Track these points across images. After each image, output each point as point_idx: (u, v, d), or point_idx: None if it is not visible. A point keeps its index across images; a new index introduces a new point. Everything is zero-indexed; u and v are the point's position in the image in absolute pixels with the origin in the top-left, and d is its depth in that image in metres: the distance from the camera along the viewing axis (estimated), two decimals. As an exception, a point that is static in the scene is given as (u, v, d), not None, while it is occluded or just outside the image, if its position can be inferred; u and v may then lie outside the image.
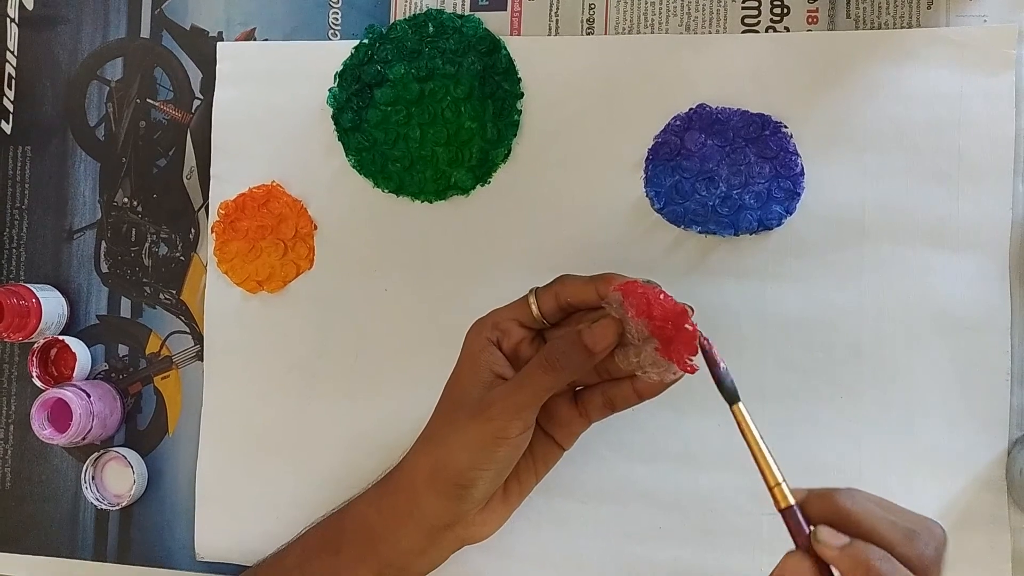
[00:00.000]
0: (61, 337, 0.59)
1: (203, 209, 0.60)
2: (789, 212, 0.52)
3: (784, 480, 0.38)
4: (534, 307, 0.45)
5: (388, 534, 0.47)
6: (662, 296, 0.42)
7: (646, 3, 0.55)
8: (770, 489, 0.38)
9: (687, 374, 0.42)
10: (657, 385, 0.44)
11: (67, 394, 0.56)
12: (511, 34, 0.56)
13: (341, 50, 0.57)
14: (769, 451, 0.38)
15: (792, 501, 0.37)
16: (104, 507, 0.58)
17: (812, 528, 0.36)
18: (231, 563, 0.58)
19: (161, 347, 0.60)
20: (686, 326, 0.41)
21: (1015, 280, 0.51)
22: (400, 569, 0.48)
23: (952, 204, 0.51)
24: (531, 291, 0.46)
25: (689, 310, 0.42)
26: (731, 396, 0.40)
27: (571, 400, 0.47)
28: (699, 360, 0.42)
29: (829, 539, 0.35)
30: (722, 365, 0.41)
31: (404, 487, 0.47)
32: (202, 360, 0.59)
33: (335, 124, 0.57)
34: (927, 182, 0.51)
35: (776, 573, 0.36)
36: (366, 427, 0.56)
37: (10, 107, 0.63)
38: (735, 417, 0.39)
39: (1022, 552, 0.50)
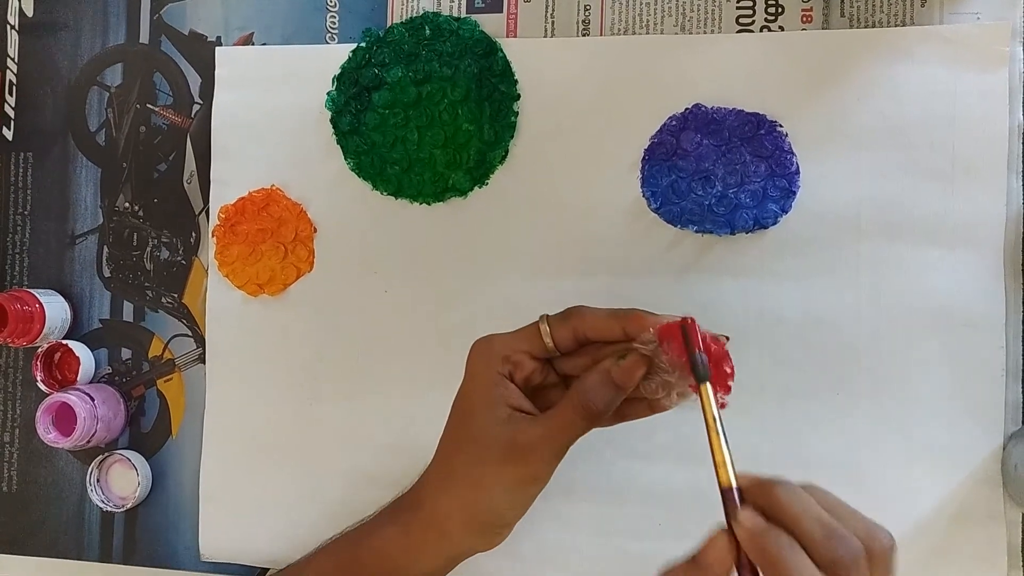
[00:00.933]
0: (65, 341, 0.60)
1: (203, 213, 0.60)
2: (785, 211, 0.52)
3: (732, 463, 0.38)
4: (548, 340, 0.43)
5: (411, 566, 0.46)
6: (706, 336, 0.41)
7: (641, 4, 0.55)
8: (716, 467, 0.38)
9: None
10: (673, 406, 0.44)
11: (71, 398, 0.57)
12: (507, 36, 0.57)
13: (339, 54, 0.57)
14: (724, 433, 0.39)
15: (734, 483, 0.38)
16: (109, 509, 0.59)
17: (740, 509, 0.37)
18: (235, 563, 0.58)
19: (164, 350, 0.60)
20: (726, 368, 0.41)
21: (1009, 276, 0.51)
22: None
23: (946, 201, 0.51)
24: (542, 319, 0.44)
25: (726, 342, 0.42)
26: (703, 376, 0.40)
27: None
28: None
29: (745, 521, 0.36)
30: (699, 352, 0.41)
31: (432, 529, 0.46)
32: (204, 363, 0.59)
33: (333, 127, 0.57)
34: (922, 179, 0.52)
35: (700, 547, 0.37)
36: (367, 427, 0.57)
37: (11, 113, 0.63)
38: (701, 397, 0.39)
39: (1017, 546, 0.50)
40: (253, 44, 0.60)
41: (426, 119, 0.56)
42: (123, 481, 0.60)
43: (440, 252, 0.57)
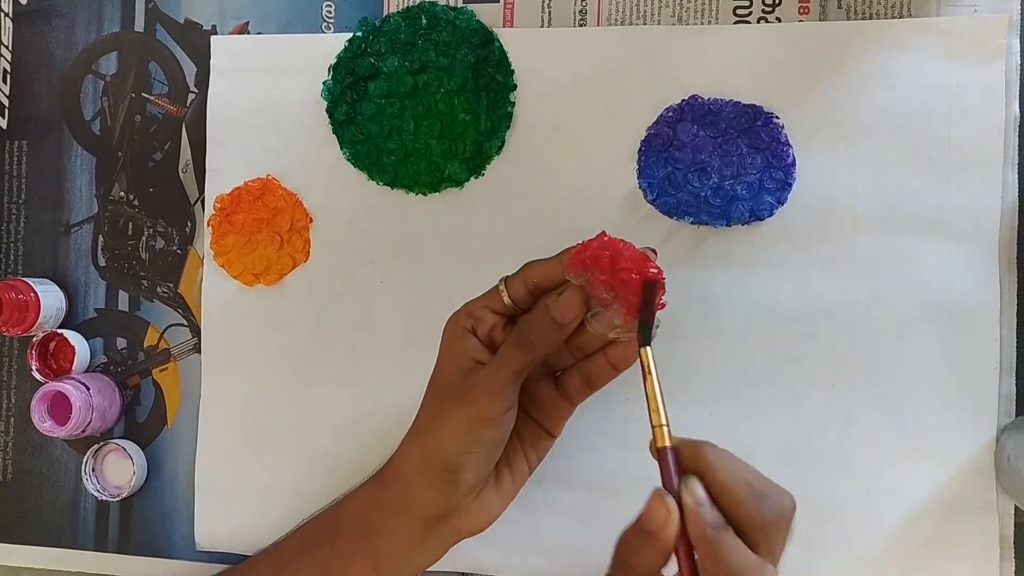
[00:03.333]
0: (60, 330, 0.60)
1: (199, 203, 0.60)
2: (781, 202, 0.52)
3: (668, 424, 0.39)
4: (504, 294, 0.46)
5: (383, 527, 0.47)
6: (621, 245, 0.42)
7: (638, -6, 0.55)
8: (652, 428, 0.39)
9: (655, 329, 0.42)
10: (630, 350, 0.45)
11: (66, 387, 0.57)
12: (504, 26, 0.56)
13: (335, 43, 0.57)
14: (662, 395, 0.39)
15: (668, 444, 0.38)
16: (104, 498, 0.59)
17: (685, 476, 0.38)
18: (231, 552, 0.58)
19: (159, 340, 0.60)
20: (651, 270, 0.42)
21: (1004, 269, 0.51)
22: (397, 563, 0.48)
23: (942, 193, 0.51)
24: (501, 280, 0.46)
25: (651, 253, 0.43)
26: (647, 340, 0.40)
27: (552, 385, 0.48)
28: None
29: (695, 491, 0.37)
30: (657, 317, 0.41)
31: (397, 479, 0.47)
32: (200, 352, 0.59)
33: (329, 117, 0.57)
34: (918, 172, 0.52)
35: (647, 508, 0.37)
36: (363, 417, 0.57)
37: (5, 102, 0.63)
38: (642, 360, 0.40)
39: (1010, 537, 0.50)
40: (249, 33, 0.59)
41: (422, 109, 0.56)
42: (118, 470, 0.60)
43: (436, 242, 0.57)
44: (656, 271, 0.42)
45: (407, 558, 0.48)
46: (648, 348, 0.40)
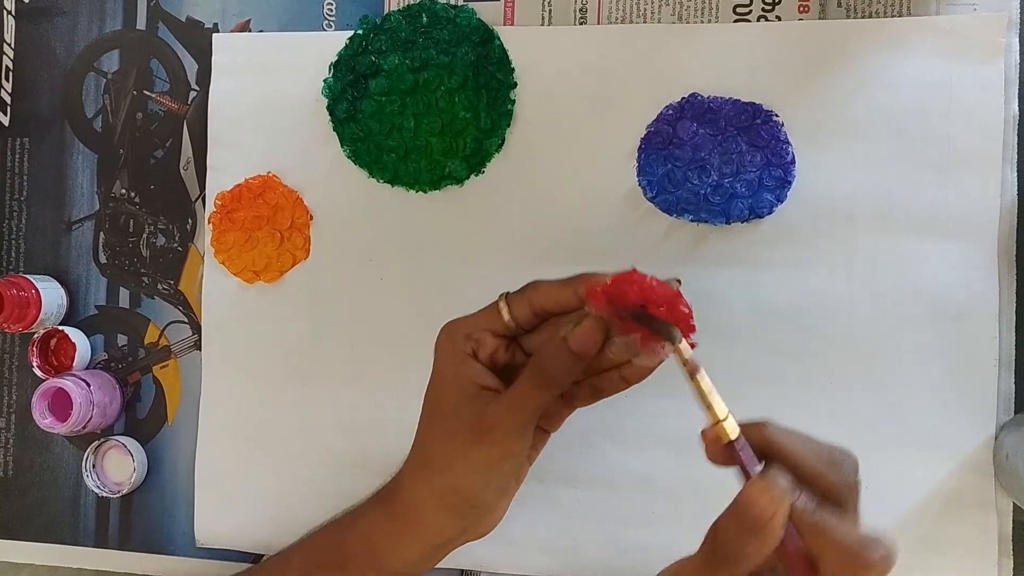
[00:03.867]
0: (61, 327, 0.60)
1: (200, 200, 0.60)
2: (780, 200, 0.52)
3: (728, 412, 0.38)
4: (506, 315, 0.43)
5: (396, 553, 0.47)
6: (654, 283, 0.41)
7: (638, -7, 0.55)
8: (715, 424, 0.38)
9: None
10: (645, 369, 0.44)
11: (67, 383, 0.57)
12: (504, 24, 0.57)
13: (336, 41, 0.57)
14: (711, 385, 0.38)
15: (738, 433, 0.37)
16: (105, 495, 0.59)
17: (766, 463, 0.37)
18: (230, 549, 0.58)
19: (160, 337, 0.61)
20: (681, 308, 0.41)
21: (1003, 267, 0.51)
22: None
23: (941, 192, 0.52)
24: (501, 297, 0.44)
25: (677, 284, 0.41)
26: (673, 336, 0.39)
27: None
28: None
29: (784, 477, 0.36)
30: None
31: (412, 511, 0.46)
32: (200, 349, 0.60)
33: (330, 114, 0.57)
34: (917, 170, 0.52)
35: (746, 493, 0.36)
36: (362, 414, 0.57)
37: (8, 99, 0.63)
38: (681, 357, 0.38)
39: (1008, 534, 0.51)
40: (250, 31, 0.60)
41: (423, 107, 0.56)
42: (119, 467, 0.60)
43: (436, 240, 0.57)
44: (687, 311, 0.40)
45: (416, 572, 0.48)
46: (684, 343, 0.39)
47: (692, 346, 0.41)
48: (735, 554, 0.35)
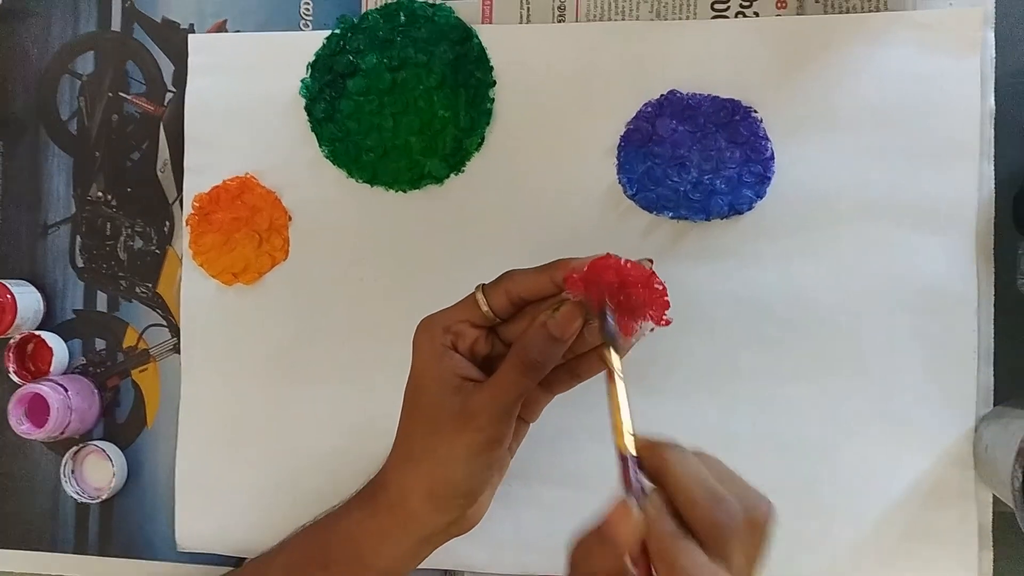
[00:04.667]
0: (37, 332, 0.59)
1: (177, 202, 0.60)
2: (759, 196, 0.53)
3: (631, 429, 0.38)
4: (484, 305, 0.44)
5: (380, 550, 0.47)
6: (629, 264, 0.42)
7: (616, -10, 0.55)
8: (615, 434, 0.38)
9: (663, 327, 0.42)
10: (622, 349, 0.44)
11: (44, 389, 0.56)
12: (483, 22, 0.56)
13: (313, 40, 0.57)
14: (627, 401, 0.39)
15: (633, 452, 0.38)
16: (84, 500, 0.59)
17: (648, 488, 0.37)
18: (212, 553, 0.58)
19: (138, 340, 0.60)
20: (656, 286, 0.42)
21: (981, 259, 0.51)
22: (390, 574, 0.48)
23: (919, 185, 0.52)
24: (478, 288, 0.45)
25: (649, 263, 0.43)
26: (613, 340, 0.40)
27: None
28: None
29: (653, 500, 0.36)
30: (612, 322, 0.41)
31: (396, 506, 0.46)
32: (179, 353, 0.59)
33: (308, 115, 0.57)
34: (895, 164, 0.52)
35: (608, 516, 0.36)
36: (343, 416, 0.57)
37: (-19, 102, 0.62)
38: (607, 363, 0.39)
39: (988, 525, 0.51)
40: (227, 31, 0.59)
41: (401, 106, 0.56)
42: (98, 472, 0.59)
43: (416, 239, 0.56)
44: (661, 288, 0.42)
45: (401, 569, 0.48)
46: (611, 351, 0.39)
47: (667, 323, 0.42)
48: (587, 568, 0.36)
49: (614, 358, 0.40)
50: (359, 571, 0.47)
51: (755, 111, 0.53)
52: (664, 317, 0.42)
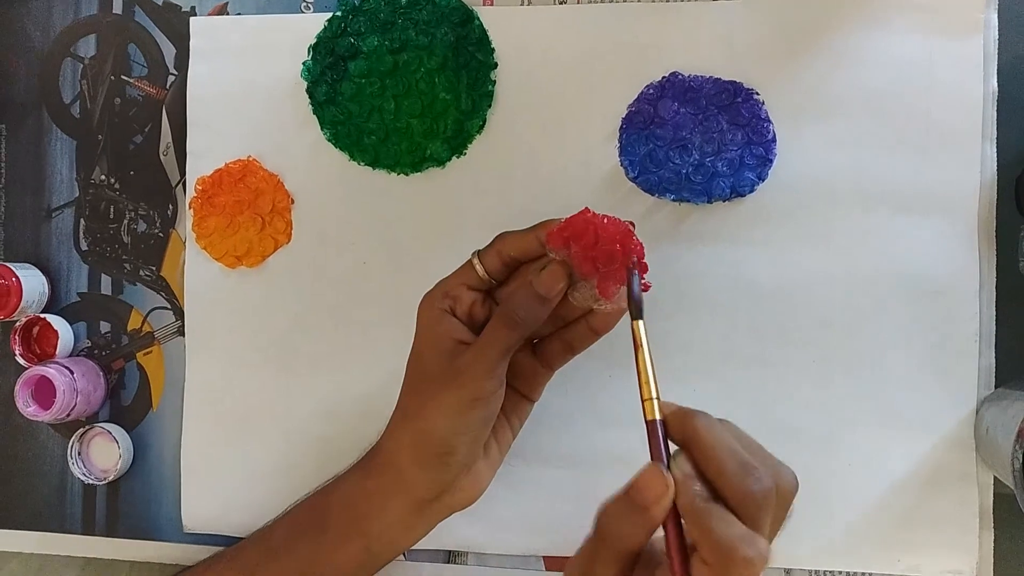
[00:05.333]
0: (43, 315, 0.60)
1: (180, 185, 0.60)
2: (761, 179, 0.53)
3: (658, 397, 0.38)
4: (479, 268, 0.46)
5: (375, 511, 0.48)
6: (605, 220, 0.43)
7: (618, -29, 0.55)
8: (643, 401, 0.38)
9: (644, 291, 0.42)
10: (612, 316, 0.45)
11: (50, 371, 0.57)
12: (484, 4, 0.56)
13: (314, 23, 0.57)
14: (653, 368, 0.39)
15: (659, 417, 0.38)
16: (91, 482, 0.59)
17: (674, 451, 0.37)
18: (218, 534, 0.58)
19: (143, 323, 0.60)
20: (634, 240, 0.42)
21: (983, 243, 0.51)
22: (389, 543, 0.48)
23: (921, 168, 0.52)
24: (473, 253, 0.46)
25: (632, 226, 0.43)
26: (639, 314, 0.40)
27: (531, 353, 0.48)
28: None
29: (682, 464, 0.36)
30: (638, 288, 0.41)
31: (387, 465, 0.47)
32: (183, 335, 0.59)
33: (309, 97, 0.57)
34: (897, 147, 0.52)
35: (637, 478, 0.36)
36: (347, 397, 0.57)
37: (-16, 85, 0.62)
38: (634, 333, 0.39)
39: (989, 508, 0.51)
40: (228, 14, 0.59)
41: (403, 88, 0.56)
42: (104, 454, 0.60)
43: (418, 223, 0.56)
44: (638, 244, 0.42)
45: (399, 538, 0.48)
46: (640, 321, 0.39)
47: (646, 287, 0.42)
48: (615, 533, 0.36)
49: (640, 326, 0.39)
50: (355, 535, 0.48)
51: (757, 93, 0.53)
52: (642, 280, 0.42)
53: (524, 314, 0.43)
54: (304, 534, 0.50)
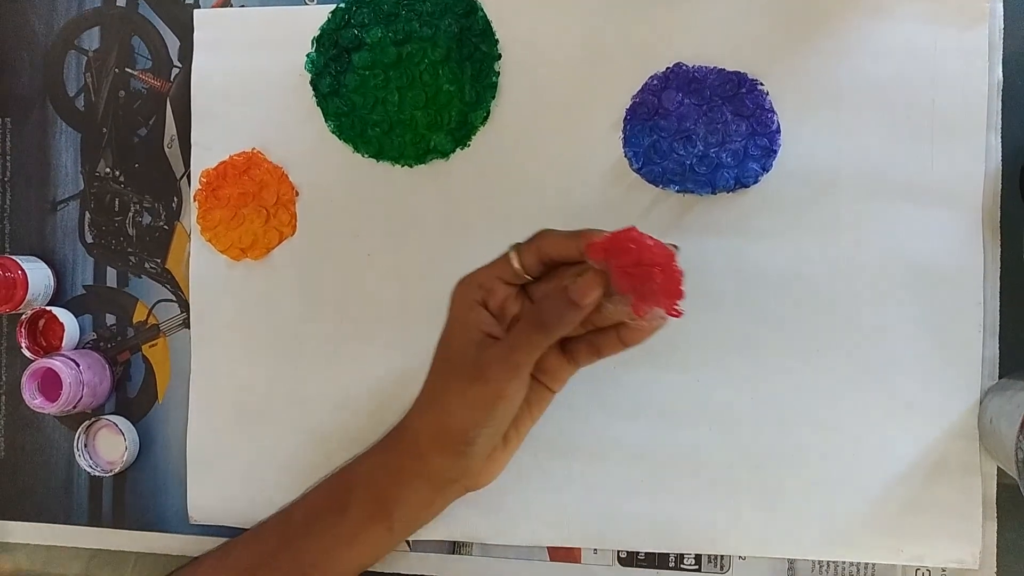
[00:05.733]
0: (49, 308, 0.60)
1: (185, 177, 0.60)
2: (766, 169, 0.52)
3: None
4: (516, 263, 0.46)
5: (397, 493, 0.49)
6: (650, 241, 0.43)
7: (622, -38, 0.55)
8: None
9: (673, 318, 0.43)
10: (642, 332, 0.46)
11: (56, 364, 0.57)
12: (488, -4, 0.56)
13: (318, 15, 0.57)
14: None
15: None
16: (97, 474, 0.59)
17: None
18: (224, 525, 0.59)
19: (148, 316, 0.61)
20: (676, 268, 0.43)
21: (988, 233, 0.51)
22: (408, 522, 0.50)
23: (926, 159, 0.52)
24: (512, 247, 0.46)
25: (676, 250, 0.43)
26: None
27: (558, 348, 0.48)
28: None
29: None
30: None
31: (409, 449, 0.49)
32: (189, 328, 0.59)
33: (313, 89, 0.57)
34: (901, 137, 0.52)
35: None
36: (351, 389, 0.57)
37: (-12, 79, 0.63)
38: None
39: (992, 498, 0.51)
40: (232, 6, 0.59)
41: (407, 80, 0.56)
42: (110, 446, 0.60)
43: (422, 214, 0.57)
44: (678, 271, 0.43)
45: (418, 516, 0.50)
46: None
47: (678, 315, 0.42)
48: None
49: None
50: (378, 513, 0.49)
51: (761, 84, 0.53)
52: (676, 307, 0.43)
53: (555, 318, 0.43)
54: (324, 516, 0.50)
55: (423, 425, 0.48)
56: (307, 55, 0.57)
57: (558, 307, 0.43)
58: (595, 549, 0.55)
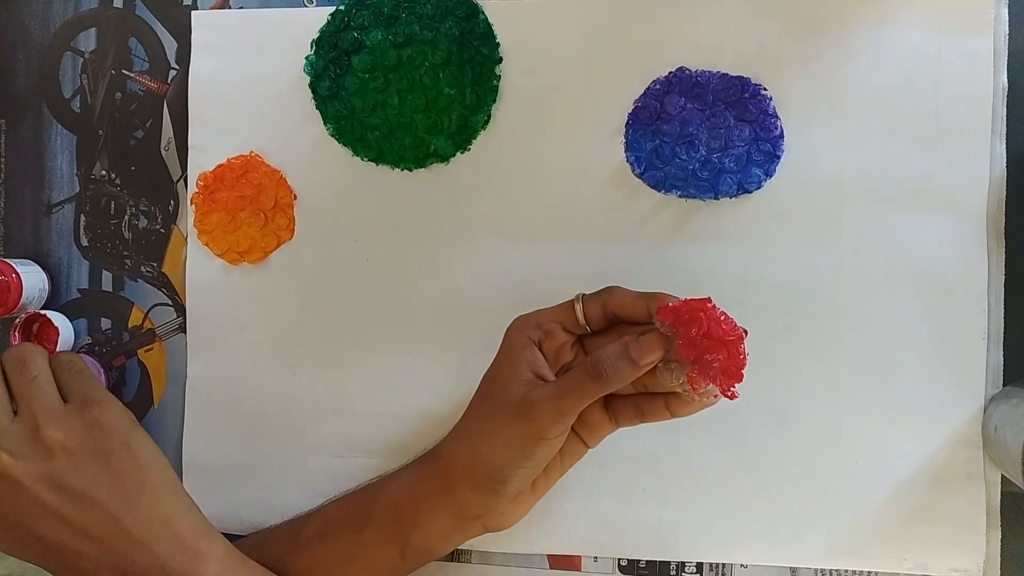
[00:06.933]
0: (43, 311, 0.59)
1: (182, 180, 0.59)
2: (769, 175, 0.52)
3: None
4: (580, 314, 0.46)
5: (418, 520, 0.48)
6: (722, 317, 0.42)
7: (624, -35, 0.54)
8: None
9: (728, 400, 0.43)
10: (691, 406, 0.46)
11: (50, 368, 0.56)
12: (489, -1, 0.56)
13: (317, 17, 0.56)
14: None
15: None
16: (92, 480, 0.59)
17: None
18: (219, 531, 0.58)
19: (144, 320, 0.60)
20: (739, 352, 0.42)
21: (992, 240, 0.51)
22: (423, 551, 0.49)
23: (930, 165, 0.51)
24: (577, 297, 0.47)
25: (745, 334, 0.43)
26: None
27: (602, 405, 0.48)
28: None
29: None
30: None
31: (439, 477, 0.48)
32: (185, 332, 0.59)
33: (312, 92, 0.56)
34: (905, 143, 0.52)
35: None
36: (349, 396, 0.57)
37: (-17, 80, 0.62)
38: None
39: (996, 506, 0.51)
40: (230, 8, 0.59)
41: (407, 83, 0.55)
42: (105, 451, 0.59)
43: (422, 219, 0.56)
44: (743, 353, 0.42)
45: (433, 547, 0.49)
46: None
47: (732, 397, 0.43)
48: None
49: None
50: (394, 538, 0.48)
51: (764, 88, 0.52)
52: (732, 389, 0.43)
53: (611, 372, 0.43)
54: (340, 532, 0.50)
55: (458, 456, 0.47)
56: (306, 57, 0.56)
57: (616, 361, 0.43)
58: (595, 557, 0.55)
